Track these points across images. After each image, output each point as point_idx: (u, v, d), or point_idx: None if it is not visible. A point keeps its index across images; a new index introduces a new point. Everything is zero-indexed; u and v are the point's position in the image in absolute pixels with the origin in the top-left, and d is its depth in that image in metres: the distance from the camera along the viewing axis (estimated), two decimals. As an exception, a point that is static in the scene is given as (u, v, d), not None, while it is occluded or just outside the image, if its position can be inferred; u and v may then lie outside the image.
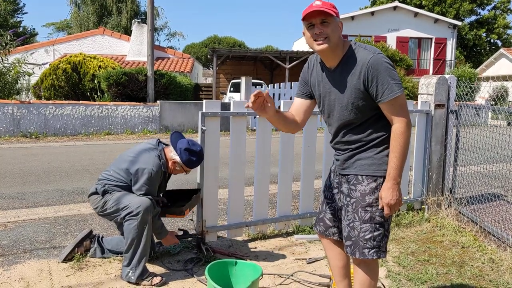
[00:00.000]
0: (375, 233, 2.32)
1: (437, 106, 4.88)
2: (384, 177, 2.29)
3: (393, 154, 2.22)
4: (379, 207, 2.29)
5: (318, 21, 2.20)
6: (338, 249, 2.64)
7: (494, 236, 4.13)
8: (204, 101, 3.86)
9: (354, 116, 2.31)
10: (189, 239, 3.92)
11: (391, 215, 2.36)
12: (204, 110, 3.80)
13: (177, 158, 3.36)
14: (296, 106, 2.60)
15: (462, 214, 4.69)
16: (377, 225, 2.32)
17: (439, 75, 4.88)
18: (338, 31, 2.24)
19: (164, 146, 3.50)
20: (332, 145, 2.53)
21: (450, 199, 4.86)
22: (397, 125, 2.22)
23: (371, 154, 2.33)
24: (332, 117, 2.43)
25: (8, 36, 13.67)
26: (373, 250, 2.33)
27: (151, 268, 3.40)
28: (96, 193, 3.34)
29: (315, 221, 2.73)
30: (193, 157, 3.38)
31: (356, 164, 2.37)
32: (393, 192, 2.23)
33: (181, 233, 3.85)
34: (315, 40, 2.23)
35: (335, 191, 2.55)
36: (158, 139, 3.58)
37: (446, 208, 4.78)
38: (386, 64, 2.19)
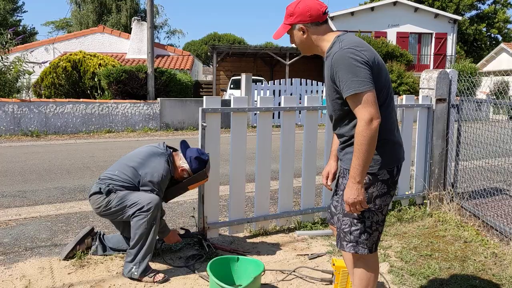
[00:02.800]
0: (352, 228, 2.33)
1: (439, 100, 4.86)
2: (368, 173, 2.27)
3: (354, 153, 2.17)
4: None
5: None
6: None
7: (497, 231, 4.12)
8: (204, 97, 3.84)
9: (333, 109, 2.36)
10: (193, 238, 3.91)
11: (382, 214, 2.35)
12: (204, 106, 3.78)
13: (186, 166, 3.42)
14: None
15: (464, 208, 4.68)
16: (355, 220, 2.32)
17: (440, 69, 4.85)
18: (300, 36, 2.36)
19: (172, 151, 3.53)
20: None
21: (452, 194, 4.85)
22: (358, 123, 2.15)
23: (352, 149, 2.29)
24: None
25: (9, 35, 13.65)
26: (350, 244, 2.34)
27: (153, 265, 3.39)
28: (98, 192, 3.32)
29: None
30: (202, 165, 3.45)
31: (345, 158, 2.39)
32: (351, 191, 2.18)
33: (183, 232, 3.84)
34: None
35: (340, 180, 2.54)
36: (164, 142, 3.59)
37: (448, 203, 4.77)
38: (350, 60, 2.13)
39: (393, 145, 2.31)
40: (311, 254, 3.71)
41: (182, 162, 3.44)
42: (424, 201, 5.01)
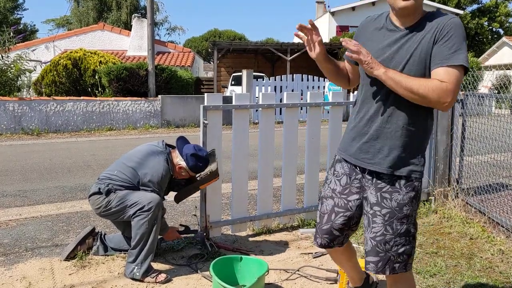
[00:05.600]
0: (408, 246, 2.10)
1: (443, 95, 4.79)
2: (421, 180, 2.10)
3: (410, 79, 1.92)
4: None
5: None
6: (347, 252, 2.46)
7: (503, 227, 4.06)
8: (205, 94, 3.79)
9: None
10: (193, 235, 3.86)
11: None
12: (205, 104, 3.73)
13: (183, 164, 3.36)
14: (346, 66, 2.38)
15: (470, 204, 4.62)
16: (411, 238, 2.11)
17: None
18: None
19: (171, 149, 3.48)
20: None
21: (457, 190, 4.79)
22: (441, 85, 1.89)
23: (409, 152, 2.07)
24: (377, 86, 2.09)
25: (11, 33, 13.61)
26: (402, 264, 2.11)
27: (155, 265, 3.34)
28: (98, 193, 3.27)
29: (315, 233, 2.38)
30: (200, 162, 3.37)
31: (392, 157, 2.08)
32: (374, 62, 1.94)
33: (182, 228, 3.80)
34: None
35: (354, 196, 2.24)
36: (163, 140, 3.54)
37: (453, 199, 4.71)
38: (464, 33, 1.97)
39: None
40: (315, 253, 3.66)
41: (179, 160, 3.38)
42: (429, 197, 4.95)
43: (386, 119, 2.08)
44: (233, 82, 20.76)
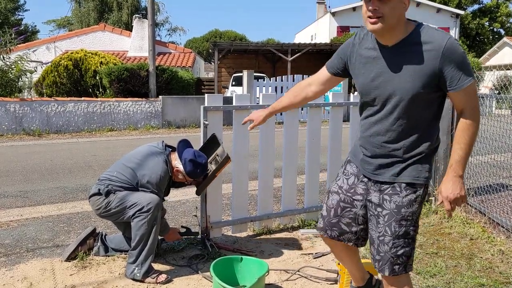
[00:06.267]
0: (407, 248, 2.13)
1: (443, 96, 4.79)
2: (425, 185, 2.13)
3: (462, 145, 2.01)
4: (438, 202, 2.10)
5: None
6: (348, 248, 2.48)
7: (503, 227, 4.06)
8: (206, 95, 3.80)
9: (408, 114, 2.08)
10: (193, 237, 3.86)
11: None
12: (206, 104, 3.74)
13: (181, 168, 3.35)
14: (320, 76, 2.46)
15: (470, 205, 4.62)
16: (410, 240, 2.13)
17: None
18: (400, 9, 1.94)
19: (171, 150, 3.48)
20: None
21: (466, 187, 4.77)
22: (472, 113, 2.01)
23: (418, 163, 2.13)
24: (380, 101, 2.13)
25: (12, 34, 13.63)
26: (402, 266, 2.14)
27: (155, 265, 3.35)
28: (98, 194, 3.28)
29: (322, 225, 2.42)
30: (197, 169, 3.36)
31: (405, 171, 2.12)
32: (455, 185, 2.00)
33: (183, 230, 3.80)
34: (368, 17, 1.96)
35: (358, 197, 2.29)
36: (163, 141, 3.55)
37: (453, 200, 4.70)
38: (461, 49, 1.99)
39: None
40: (316, 253, 3.66)
41: (177, 163, 3.38)
42: (429, 198, 4.95)
43: (391, 136, 2.13)
44: (233, 83, 20.75)
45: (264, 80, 16.11)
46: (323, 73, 2.44)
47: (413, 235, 2.15)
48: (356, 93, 3.16)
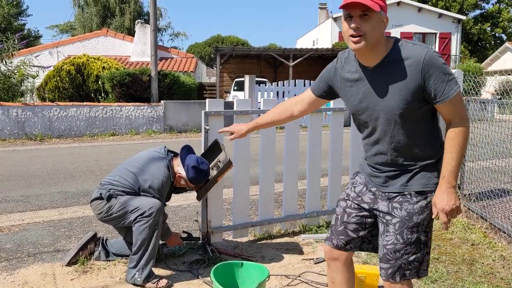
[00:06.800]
0: (418, 254, 2.11)
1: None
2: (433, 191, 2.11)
3: (452, 155, 2.00)
4: (434, 215, 2.08)
5: (358, 13, 1.93)
6: (346, 271, 2.39)
7: (505, 233, 4.06)
8: (207, 100, 3.81)
9: (403, 129, 2.09)
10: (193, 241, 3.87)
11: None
12: (207, 109, 3.75)
13: (183, 174, 3.36)
14: (304, 97, 2.48)
15: (471, 210, 4.62)
16: (421, 245, 2.11)
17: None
18: (380, 27, 1.97)
19: (173, 156, 3.49)
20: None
21: (458, 196, 4.78)
22: (460, 123, 2.00)
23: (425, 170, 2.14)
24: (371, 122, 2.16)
25: (16, 40, 13.69)
26: (414, 271, 2.13)
27: (156, 270, 3.35)
28: (99, 198, 3.28)
29: (329, 235, 2.39)
30: (200, 175, 3.37)
31: (411, 181, 2.13)
32: (449, 196, 1.99)
33: (185, 235, 3.80)
34: (351, 36, 1.96)
35: (365, 205, 2.28)
36: (165, 146, 3.55)
37: (454, 205, 4.70)
38: (442, 61, 1.99)
39: None
40: (317, 258, 3.66)
41: (179, 169, 3.39)
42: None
43: (393, 154, 2.14)
44: (235, 88, 20.81)
45: (265, 85, 16.15)
46: (308, 94, 2.47)
47: (425, 240, 2.13)
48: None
